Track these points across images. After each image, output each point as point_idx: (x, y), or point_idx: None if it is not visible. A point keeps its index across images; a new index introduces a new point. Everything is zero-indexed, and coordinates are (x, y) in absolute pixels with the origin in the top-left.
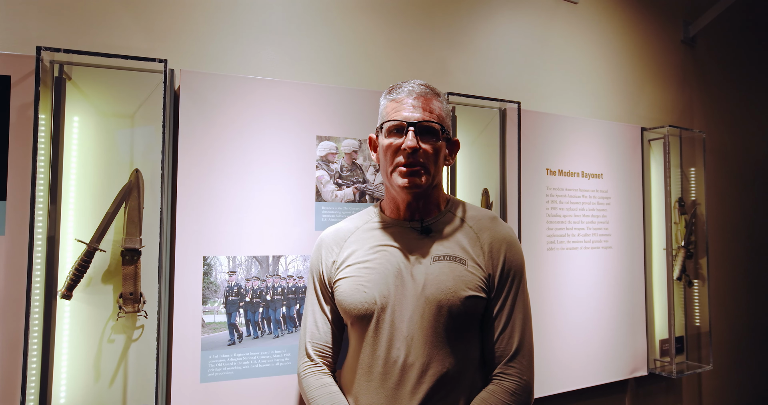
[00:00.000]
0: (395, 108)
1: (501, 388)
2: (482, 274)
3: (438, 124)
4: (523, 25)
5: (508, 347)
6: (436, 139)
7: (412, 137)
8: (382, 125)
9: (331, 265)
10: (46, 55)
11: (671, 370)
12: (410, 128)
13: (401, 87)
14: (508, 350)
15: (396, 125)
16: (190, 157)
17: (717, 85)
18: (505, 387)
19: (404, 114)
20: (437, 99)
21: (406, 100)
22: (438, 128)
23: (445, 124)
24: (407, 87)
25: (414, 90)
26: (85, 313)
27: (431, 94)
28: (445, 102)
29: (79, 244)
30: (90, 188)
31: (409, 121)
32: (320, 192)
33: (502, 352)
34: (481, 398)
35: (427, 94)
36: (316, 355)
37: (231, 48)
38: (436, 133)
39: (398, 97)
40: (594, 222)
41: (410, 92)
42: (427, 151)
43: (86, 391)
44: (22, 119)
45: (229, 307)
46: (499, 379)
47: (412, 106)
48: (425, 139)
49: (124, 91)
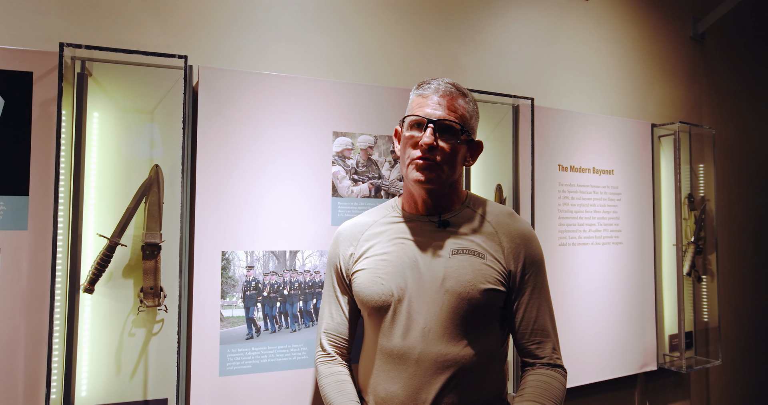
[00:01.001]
0: (420, 103)
1: (556, 372)
2: (501, 268)
3: (458, 123)
4: (535, 22)
5: (545, 337)
6: (455, 138)
7: (429, 134)
8: (405, 118)
9: (349, 257)
10: (68, 52)
11: (681, 365)
12: (430, 125)
13: (429, 83)
14: (546, 340)
15: (417, 120)
16: (209, 152)
17: (726, 82)
18: (558, 371)
19: (427, 110)
20: (463, 99)
21: (431, 97)
22: (458, 128)
23: (468, 124)
24: (435, 84)
25: (440, 88)
26: (106, 307)
27: (457, 94)
28: (472, 103)
29: (100, 238)
30: (110, 184)
31: (430, 118)
32: (336, 187)
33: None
34: (543, 381)
35: (453, 93)
36: (330, 345)
37: (248, 44)
38: (456, 132)
39: (424, 93)
40: (605, 218)
41: (437, 89)
42: (445, 149)
43: (107, 383)
44: (44, 115)
45: (247, 302)
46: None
47: (437, 103)
48: (444, 138)
49: (143, 87)
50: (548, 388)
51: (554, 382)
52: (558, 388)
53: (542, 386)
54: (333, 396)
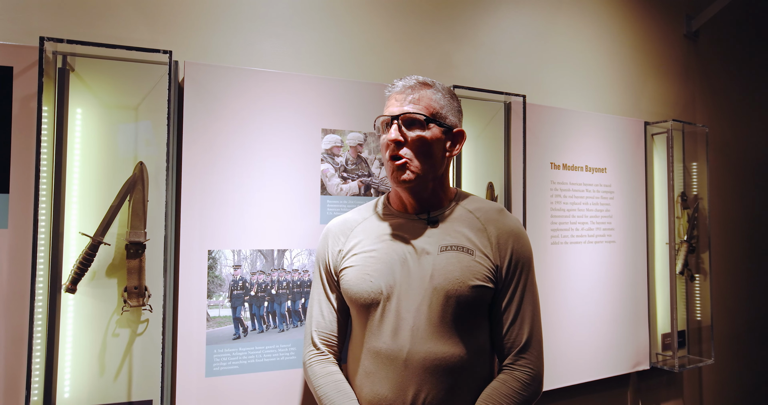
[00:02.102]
0: (387, 104)
1: (512, 378)
2: (489, 264)
3: (422, 114)
4: (527, 18)
5: (518, 338)
6: (422, 129)
7: (395, 130)
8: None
9: (337, 254)
10: (49, 46)
11: (673, 364)
12: (394, 121)
13: (395, 83)
14: (519, 341)
15: (384, 120)
16: (195, 149)
17: (720, 80)
18: (516, 376)
19: (392, 109)
20: (427, 89)
21: (396, 96)
22: (422, 119)
23: (439, 114)
24: (400, 83)
25: (405, 84)
26: (89, 307)
27: (421, 86)
28: (442, 92)
29: (83, 237)
30: (94, 181)
31: (393, 115)
32: (325, 185)
33: (513, 342)
34: (493, 387)
35: (415, 86)
36: (322, 344)
37: (235, 40)
38: (422, 123)
39: (391, 93)
40: (597, 216)
41: (403, 87)
42: (413, 141)
43: (91, 385)
44: (25, 111)
45: (234, 301)
46: (510, 369)
47: (402, 100)
48: (412, 130)
49: (127, 83)
50: (492, 393)
51: (502, 388)
52: (505, 393)
53: (488, 393)
54: (333, 396)
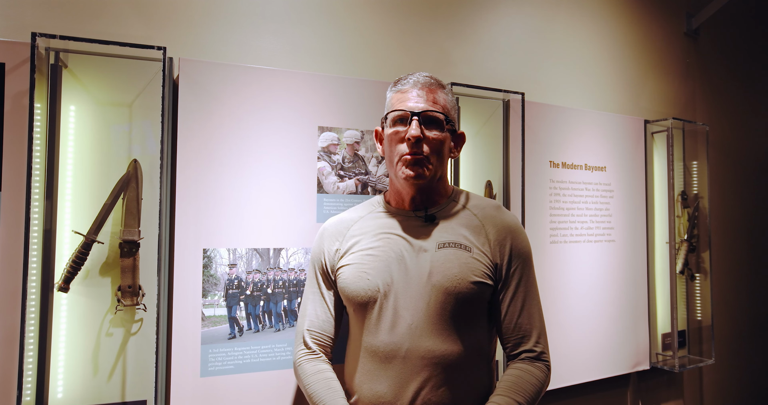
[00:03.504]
0: (400, 99)
1: (533, 366)
2: (488, 261)
3: (442, 114)
4: (527, 16)
5: (528, 330)
6: (440, 129)
7: (416, 126)
8: (387, 116)
9: (334, 253)
10: (41, 42)
11: (674, 364)
12: (414, 118)
13: (407, 79)
14: (529, 333)
15: (400, 115)
16: (190, 147)
17: (720, 78)
18: (537, 365)
19: (409, 104)
20: (442, 90)
21: (411, 91)
22: (442, 118)
23: (450, 115)
24: (412, 78)
25: (419, 81)
26: (82, 307)
27: (436, 85)
28: (451, 94)
29: (76, 235)
30: (87, 179)
31: (413, 111)
32: (322, 183)
33: (524, 335)
34: (516, 376)
35: (432, 85)
36: (314, 343)
37: (231, 36)
38: (441, 123)
39: (403, 88)
40: (597, 215)
41: (415, 83)
42: (431, 140)
43: (84, 385)
44: (17, 108)
45: (229, 301)
46: (529, 357)
47: (418, 96)
48: (430, 129)
49: (121, 80)
50: (518, 382)
51: (526, 376)
52: (529, 381)
53: (512, 380)
54: (322, 393)
